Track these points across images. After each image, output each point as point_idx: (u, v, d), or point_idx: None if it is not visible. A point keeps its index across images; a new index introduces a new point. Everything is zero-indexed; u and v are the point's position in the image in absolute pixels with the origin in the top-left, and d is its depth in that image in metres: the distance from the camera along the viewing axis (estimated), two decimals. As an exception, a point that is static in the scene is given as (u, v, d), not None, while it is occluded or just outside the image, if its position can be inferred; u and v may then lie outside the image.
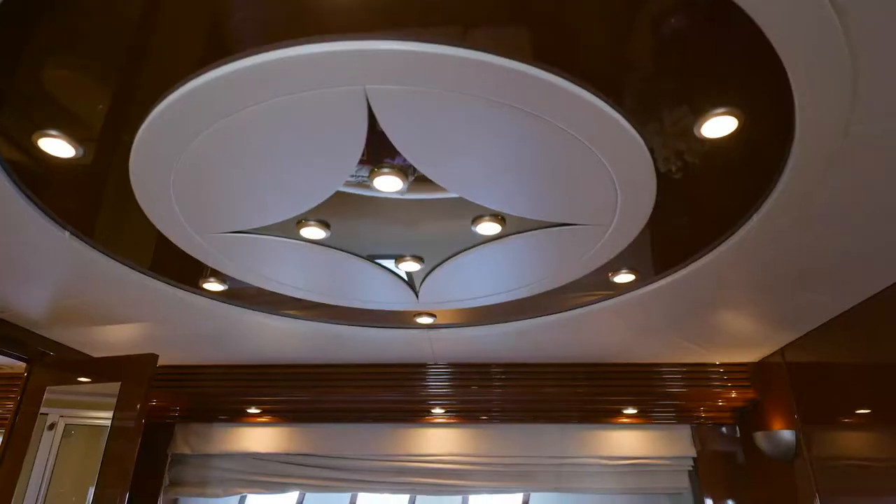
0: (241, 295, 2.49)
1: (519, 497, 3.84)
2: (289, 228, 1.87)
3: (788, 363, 3.07)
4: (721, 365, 3.42)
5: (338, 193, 1.66)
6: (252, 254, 2.02)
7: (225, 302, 2.57)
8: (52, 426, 3.22)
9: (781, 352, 3.12)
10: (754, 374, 3.38)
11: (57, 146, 1.43)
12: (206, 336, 3.05)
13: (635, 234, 1.85)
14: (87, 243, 1.98)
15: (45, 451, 3.10)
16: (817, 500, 2.80)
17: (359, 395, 3.49)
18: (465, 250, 2.01)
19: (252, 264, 2.11)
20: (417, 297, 2.41)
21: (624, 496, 3.77)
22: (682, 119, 1.34)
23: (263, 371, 3.54)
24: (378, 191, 1.63)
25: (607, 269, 2.16)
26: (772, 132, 1.38)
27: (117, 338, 3.04)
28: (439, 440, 3.75)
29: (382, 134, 1.35)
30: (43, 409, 3.19)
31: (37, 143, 1.42)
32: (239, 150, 1.42)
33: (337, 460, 3.76)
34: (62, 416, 3.26)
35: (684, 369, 3.42)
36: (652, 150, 1.44)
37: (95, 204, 1.75)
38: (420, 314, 2.68)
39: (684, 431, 3.67)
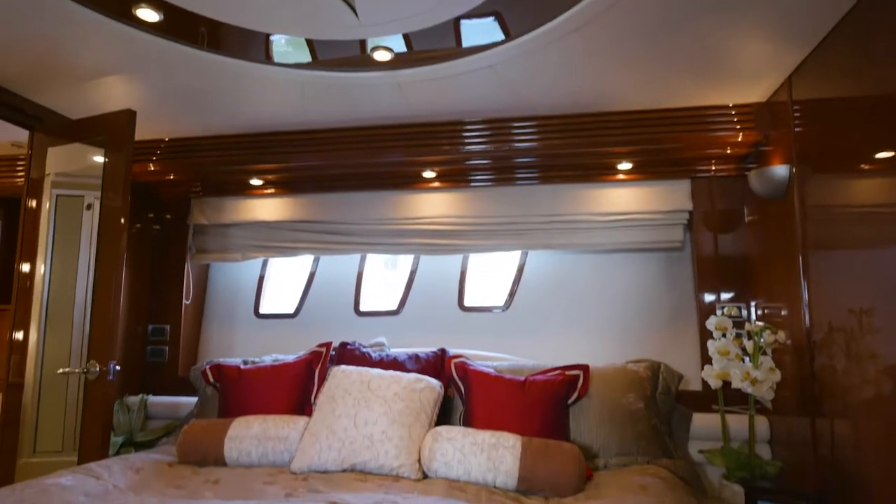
0: (187, 32, 2.44)
1: (517, 254, 3.97)
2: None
3: (794, 101, 2.77)
4: (724, 107, 3.15)
5: None
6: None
7: (178, 42, 2.53)
8: (89, 206, 3.51)
9: (789, 84, 2.81)
10: (760, 114, 3.10)
11: None
12: (186, 94, 3.08)
13: None
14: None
15: (87, 231, 3.40)
16: (800, 251, 2.69)
17: (347, 159, 3.54)
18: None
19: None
20: (357, 15, 2.26)
21: (620, 254, 3.81)
22: None
23: (257, 139, 3.62)
24: None
25: (550, -44, 1.91)
26: None
27: (103, 100, 3.14)
28: (435, 204, 3.84)
29: None
30: (78, 192, 3.48)
31: None
32: None
33: (341, 226, 3.96)
34: (96, 199, 3.53)
35: (686, 114, 3.19)
36: None
37: None
38: (375, 49, 2.55)
39: (683, 186, 3.54)
